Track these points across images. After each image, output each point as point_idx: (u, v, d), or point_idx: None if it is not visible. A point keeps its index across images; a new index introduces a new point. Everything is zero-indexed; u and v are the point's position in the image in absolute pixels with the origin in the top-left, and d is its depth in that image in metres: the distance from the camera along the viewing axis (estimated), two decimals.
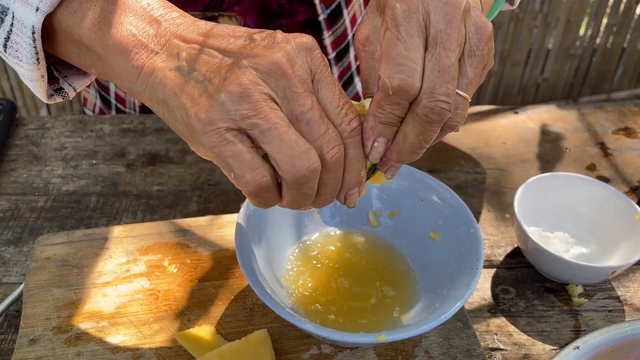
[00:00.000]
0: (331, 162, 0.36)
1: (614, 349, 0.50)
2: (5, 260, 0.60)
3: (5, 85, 1.91)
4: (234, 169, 0.35)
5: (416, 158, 0.40)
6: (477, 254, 0.47)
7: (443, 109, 0.37)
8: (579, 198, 0.62)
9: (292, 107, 0.35)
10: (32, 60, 0.43)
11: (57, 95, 0.48)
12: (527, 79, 2.12)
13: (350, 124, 0.37)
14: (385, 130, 0.38)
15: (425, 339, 0.51)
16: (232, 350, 0.46)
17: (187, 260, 0.57)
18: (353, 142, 0.37)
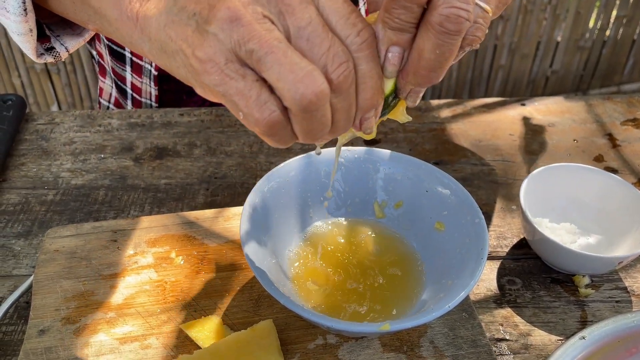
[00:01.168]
0: (339, 82, 0.32)
1: (620, 339, 0.50)
2: (15, 252, 0.61)
3: (17, 82, 1.93)
4: (240, 107, 0.33)
5: (436, 79, 0.35)
6: (481, 244, 0.47)
7: (460, 17, 0.32)
8: (585, 189, 0.62)
9: (289, 22, 0.32)
10: (19, 11, 0.41)
11: (47, 54, 0.47)
12: (536, 72, 2.11)
13: (360, 35, 0.33)
14: (397, 37, 0.34)
15: (431, 329, 0.51)
16: (237, 340, 0.47)
17: (194, 252, 0.57)
18: (365, 56, 0.33)
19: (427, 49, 0.34)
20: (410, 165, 0.55)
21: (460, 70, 2.06)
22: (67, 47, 0.49)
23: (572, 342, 0.48)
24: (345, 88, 0.33)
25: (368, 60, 0.33)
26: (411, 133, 0.79)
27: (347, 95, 0.33)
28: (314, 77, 0.31)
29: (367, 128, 0.36)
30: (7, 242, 0.62)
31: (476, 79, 2.09)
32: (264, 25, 0.32)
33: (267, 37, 0.31)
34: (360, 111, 0.35)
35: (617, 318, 0.50)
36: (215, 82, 0.33)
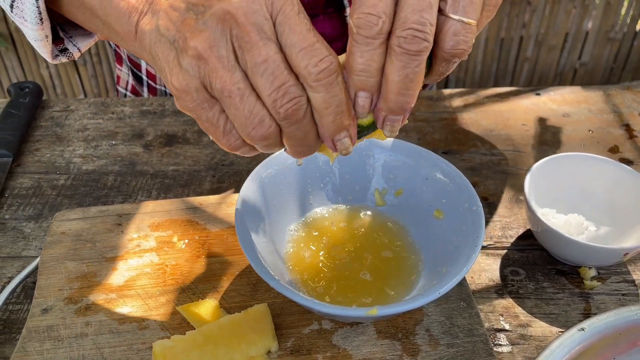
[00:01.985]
0: (287, 115, 0.35)
1: (622, 332, 0.49)
2: (25, 234, 0.62)
3: (45, 73, 1.97)
4: (209, 132, 0.37)
5: (408, 105, 0.36)
6: (477, 232, 0.46)
7: (416, 37, 0.33)
8: (594, 179, 0.60)
9: (247, 57, 0.34)
10: (36, 21, 0.45)
11: (62, 55, 0.50)
12: (564, 64, 2.06)
13: (318, 65, 0.34)
14: (363, 82, 0.35)
15: (427, 317, 0.51)
16: (231, 322, 0.47)
17: (196, 237, 0.58)
18: (323, 85, 0.34)
19: (392, 73, 0.35)
20: (410, 152, 0.55)
21: (484, 62, 2.03)
22: (80, 48, 0.52)
23: (571, 333, 0.47)
24: (296, 120, 0.36)
25: (327, 88, 0.35)
26: (421, 122, 0.78)
27: (300, 125, 0.36)
28: (263, 123, 0.35)
29: (342, 149, 0.38)
30: (18, 225, 0.63)
31: (501, 72, 2.06)
32: (227, 65, 0.35)
33: (227, 79, 0.35)
34: (327, 134, 0.37)
35: (619, 310, 0.49)
36: (188, 108, 0.37)
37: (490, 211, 0.64)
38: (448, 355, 0.48)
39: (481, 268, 0.58)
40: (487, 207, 0.65)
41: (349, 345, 0.49)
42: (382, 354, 0.48)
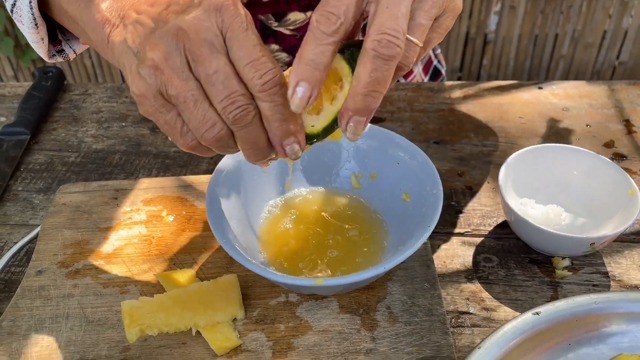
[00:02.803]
0: (235, 120, 0.38)
1: (579, 319, 0.49)
2: (34, 205, 0.68)
3: (88, 63, 2.07)
4: (167, 133, 0.41)
5: (373, 106, 0.38)
6: (432, 214, 0.48)
7: (391, 43, 0.36)
8: (571, 169, 0.60)
9: (199, 69, 0.38)
10: (31, 25, 0.50)
11: (58, 55, 0.55)
12: (602, 63, 2.01)
13: (262, 78, 0.37)
14: (308, 72, 0.37)
15: (390, 295, 0.53)
16: (200, 289, 0.51)
17: (183, 212, 0.62)
18: (267, 95, 0.38)
19: (363, 74, 0.37)
20: (384, 138, 0.56)
21: (517, 59, 2.00)
22: (75, 50, 0.58)
23: (525, 316, 0.48)
24: (244, 124, 0.39)
25: (271, 98, 0.38)
26: (417, 113, 0.79)
27: (249, 130, 0.39)
28: (215, 127, 0.39)
29: (291, 154, 0.41)
30: (28, 196, 0.69)
31: (535, 69, 2.02)
32: (181, 74, 0.38)
33: (182, 88, 0.38)
34: (275, 138, 0.40)
35: (577, 297, 0.49)
36: (147, 113, 0.40)
37: (473, 200, 0.65)
38: (404, 332, 0.50)
39: (454, 253, 0.59)
40: (470, 196, 0.66)
41: (311, 317, 0.51)
42: (341, 327, 0.50)
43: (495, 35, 1.96)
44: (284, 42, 0.79)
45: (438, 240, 0.61)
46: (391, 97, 0.82)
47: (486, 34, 1.96)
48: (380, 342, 0.49)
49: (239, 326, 0.51)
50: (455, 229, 0.62)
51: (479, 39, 1.97)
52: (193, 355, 0.49)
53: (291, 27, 0.77)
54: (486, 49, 1.99)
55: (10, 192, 0.69)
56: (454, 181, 0.68)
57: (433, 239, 0.61)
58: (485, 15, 1.91)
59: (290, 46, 0.80)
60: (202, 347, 0.49)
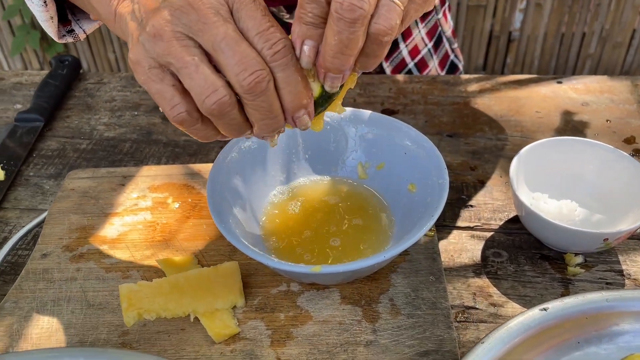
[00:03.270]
0: (249, 88, 0.36)
1: (588, 316, 0.47)
2: (44, 190, 0.68)
3: (111, 57, 2.09)
4: (158, 103, 0.39)
5: (343, 67, 0.37)
6: (437, 204, 0.46)
7: (352, 4, 0.34)
8: (585, 163, 0.58)
9: (206, 38, 0.36)
10: (40, 3, 0.50)
11: (68, 35, 0.55)
12: (631, 62, 1.96)
13: (273, 47, 0.36)
14: (310, 32, 0.37)
15: (393, 287, 0.52)
16: (200, 275, 0.50)
17: (189, 200, 0.61)
18: (279, 65, 0.37)
19: (329, 36, 0.36)
20: (392, 127, 0.55)
21: (542, 58, 1.96)
22: (85, 29, 0.57)
23: (531, 312, 0.46)
24: (259, 92, 0.37)
25: (283, 69, 0.37)
26: (431, 105, 0.78)
27: (264, 98, 0.37)
28: (218, 91, 0.36)
29: (301, 125, 0.40)
30: (39, 181, 0.69)
31: (560, 68, 1.98)
32: (182, 42, 0.37)
33: (183, 53, 0.36)
34: (287, 111, 0.39)
35: (588, 294, 0.48)
36: (141, 81, 0.39)
37: (484, 194, 0.64)
38: (406, 325, 0.49)
39: (463, 247, 0.58)
40: (482, 190, 0.64)
41: (312, 307, 0.50)
42: (342, 318, 0.49)
43: (520, 33, 1.92)
44: None
45: (447, 234, 0.59)
46: (405, 89, 0.81)
47: (510, 31, 1.93)
48: (381, 334, 0.48)
49: (239, 314, 0.50)
50: (465, 223, 0.60)
51: (503, 36, 1.94)
52: (191, 341, 0.48)
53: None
54: (510, 47, 1.96)
55: (22, 177, 0.70)
56: (466, 175, 0.66)
57: (441, 232, 0.59)
58: (510, 12, 1.88)
59: None
60: (200, 334, 0.49)
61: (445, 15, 0.91)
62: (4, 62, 2.13)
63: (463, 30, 1.93)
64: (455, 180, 0.65)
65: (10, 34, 2.03)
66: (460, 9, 1.88)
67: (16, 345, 0.49)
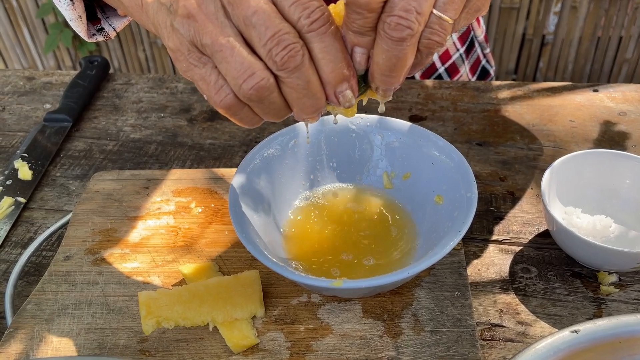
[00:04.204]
0: (283, 64, 0.34)
1: (622, 340, 0.45)
2: (70, 191, 0.68)
3: (142, 56, 2.12)
4: (203, 90, 0.37)
5: (392, 84, 0.37)
6: (465, 219, 0.45)
7: (399, 25, 0.34)
8: (622, 178, 0.56)
9: (237, 12, 0.34)
10: (67, 1, 0.50)
11: (98, 34, 0.55)
12: None
13: (310, 17, 0.34)
14: (358, 40, 0.36)
15: (417, 302, 0.50)
16: (219, 283, 0.49)
17: (212, 205, 0.61)
18: (317, 34, 0.35)
19: (377, 55, 0.36)
20: (419, 136, 0.54)
21: (577, 62, 1.91)
22: (115, 27, 0.57)
23: (561, 334, 0.44)
24: (294, 67, 0.35)
25: (322, 38, 0.35)
26: (461, 112, 0.76)
27: (300, 73, 0.35)
28: (255, 75, 0.35)
29: (345, 102, 0.37)
30: (65, 182, 0.70)
31: (595, 73, 1.93)
32: (215, 21, 0.35)
33: (218, 34, 0.35)
34: (328, 85, 0.37)
35: (623, 317, 0.45)
36: (183, 69, 0.37)
37: (514, 206, 0.62)
38: (430, 342, 0.47)
39: (490, 262, 0.56)
40: (511, 202, 0.62)
41: (333, 320, 0.49)
42: (363, 332, 0.48)
43: (554, 36, 1.88)
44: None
45: (473, 247, 0.57)
46: (434, 95, 0.79)
47: (544, 35, 1.88)
48: (404, 350, 0.47)
49: (258, 324, 0.49)
50: (493, 236, 0.58)
51: (536, 40, 1.89)
52: (209, 351, 0.48)
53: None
54: (543, 51, 1.92)
55: (49, 178, 0.70)
56: (495, 185, 0.64)
57: (468, 245, 0.57)
58: (544, 15, 1.84)
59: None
60: (219, 344, 0.48)
61: (478, 19, 0.89)
62: (38, 60, 2.17)
63: (495, 34, 1.89)
64: (483, 191, 0.63)
65: (43, 32, 2.06)
66: (492, 11, 1.84)
67: (36, 349, 0.49)
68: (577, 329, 0.45)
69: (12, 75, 0.90)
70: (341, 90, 0.37)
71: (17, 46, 2.12)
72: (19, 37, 2.10)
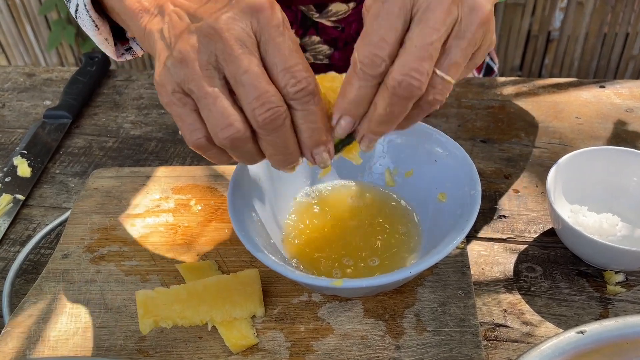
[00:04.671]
0: (265, 124, 0.36)
1: (630, 341, 0.44)
2: (69, 189, 0.68)
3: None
4: (179, 126, 0.39)
5: (386, 131, 0.39)
6: (468, 216, 0.44)
7: (411, 85, 0.35)
8: (629, 175, 0.55)
9: (229, 69, 0.36)
10: (92, 27, 0.51)
11: (127, 54, 0.57)
12: None
13: (297, 85, 0.36)
14: (352, 109, 0.38)
15: (419, 302, 0.49)
16: (217, 283, 0.49)
17: (212, 202, 0.60)
18: (300, 103, 0.37)
19: (381, 106, 0.37)
20: (421, 133, 0.53)
21: (583, 58, 1.89)
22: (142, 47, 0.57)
23: (567, 335, 0.44)
24: (273, 128, 0.37)
25: (304, 106, 0.37)
26: (465, 109, 0.75)
27: (279, 134, 0.37)
28: (233, 126, 0.36)
29: (320, 162, 0.40)
30: (64, 179, 0.69)
31: (601, 70, 1.91)
32: (206, 71, 0.37)
33: (204, 83, 0.37)
34: (306, 147, 0.39)
35: (630, 317, 0.44)
36: (164, 102, 0.39)
37: (519, 204, 0.61)
38: (432, 342, 0.46)
39: (494, 260, 0.55)
40: (516, 200, 0.61)
41: (334, 320, 0.49)
42: (365, 332, 0.47)
43: (560, 33, 1.86)
44: (325, 33, 0.76)
45: (477, 245, 0.56)
46: None
47: (550, 31, 1.87)
48: (405, 351, 0.46)
49: (258, 324, 0.49)
50: (497, 234, 0.57)
51: (541, 36, 1.88)
52: (208, 350, 0.47)
53: (333, 19, 0.74)
54: (549, 48, 1.90)
55: (48, 175, 0.70)
56: (500, 183, 0.63)
57: (472, 244, 0.57)
58: (550, 11, 1.82)
59: (332, 38, 0.77)
60: (218, 343, 0.47)
61: None
62: (41, 57, 2.17)
63: (500, 30, 1.87)
64: (488, 189, 0.62)
65: (46, 28, 2.06)
66: (497, 7, 1.83)
67: (33, 348, 0.48)
68: (583, 330, 0.44)
69: (12, 72, 0.89)
70: (318, 152, 0.39)
71: (20, 43, 2.12)
72: (22, 34, 2.10)
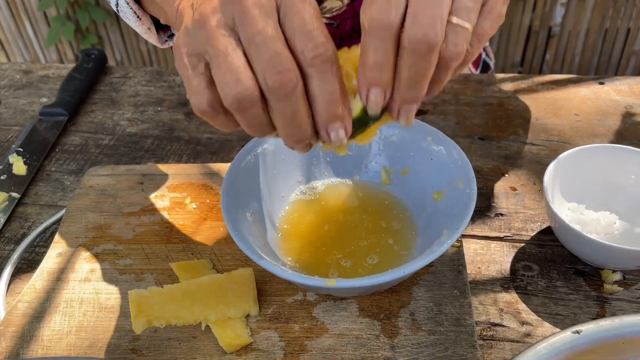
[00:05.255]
0: (274, 88, 0.33)
1: (626, 341, 0.44)
2: (65, 186, 0.67)
3: (144, 50, 2.10)
4: (186, 90, 0.37)
5: (418, 96, 0.36)
6: (463, 215, 0.43)
7: (426, 35, 0.32)
8: (629, 174, 0.54)
9: (244, 30, 0.34)
10: (134, 18, 0.53)
11: (170, 40, 0.59)
12: None
13: (314, 50, 0.33)
14: (376, 78, 0.35)
15: (415, 301, 0.49)
16: (212, 282, 0.48)
17: (207, 201, 0.60)
18: (317, 70, 0.34)
19: (403, 68, 0.34)
20: (418, 131, 0.52)
21: (584, 54, 1.88)
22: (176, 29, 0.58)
23: (563, 335, 0.43)
24: (284, 94, 0.34)
25: (320, 75, 0.34)
26: (463, 106, 0.74)
27: (289, 102, 0.34)
28: (240, 82, 0.34)
29: (336, 140, 0.36)
30: (60, 177, 0.69)
31: (603, 66, 1.90)
32: (223, 31, 0.35)
33: (220, 42, 0.35)
34: (320, 121, 0.36)
35: (625, 316, 0.44)
36: (177, 65, 0.38)
37: (516, 202, 0.60)
38: (427, 342, 0.46)
39: (491, 259, 0.55)
40: (513, 197, 0.61)
41: (328, 319, 0.48)
42: (359, 332, 0.47)
43: (561, 28, 1.85)
44: None
45: (473, 244, 0.56)
46: None
47: (551, 27, 1.86)
48: (400, 351, 0.46)
49: (252, 323, 0.48)
50: (494, 233, 0.57)
51: (542, 32, 1.87)
52: (202, 350, 0.47)
53: (327, 15, 0.74)
54: (550, 43, 1.89)
55: (44, 172, 0.69)
56: (497, 180, 0.63)
57: (468, 242, 0.56)
58: (551, 7, 1.81)
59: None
60: (212, 343, 0.47)
61: None
62: (40, 54, 2.16)
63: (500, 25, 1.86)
64: (485, 187, 0.62)
65: (45, 25, 2.05)
66: None
67: (27, 347, 0.48)
68: (579, 329, 0.44)
69: (9, 69, 0.89)
70: (333, 128, 0.36)
71: (19, 39, 2.12)
72: (21, 31, 2.09)
